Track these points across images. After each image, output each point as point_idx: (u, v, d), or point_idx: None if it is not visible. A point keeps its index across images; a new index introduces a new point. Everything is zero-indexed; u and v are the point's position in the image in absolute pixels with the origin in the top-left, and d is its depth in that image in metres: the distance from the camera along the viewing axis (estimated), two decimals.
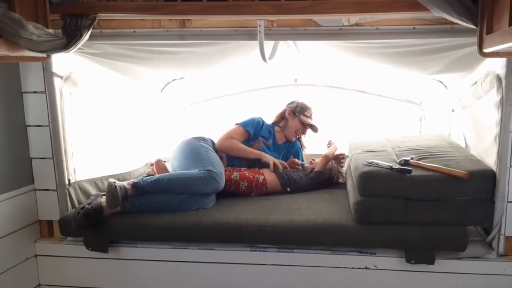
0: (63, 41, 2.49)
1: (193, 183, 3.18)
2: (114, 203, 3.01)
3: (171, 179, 3.21)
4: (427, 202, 2.79)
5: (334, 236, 2.88)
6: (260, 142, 3.85)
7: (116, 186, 3.04)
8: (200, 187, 3.19)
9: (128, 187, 3.13)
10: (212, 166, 3.29)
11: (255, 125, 3.89)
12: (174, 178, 3.23)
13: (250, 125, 3.87)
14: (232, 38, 2.96)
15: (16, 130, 3.06)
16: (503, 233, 2.80)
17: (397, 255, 2.87)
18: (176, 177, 3.23)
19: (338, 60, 3.58)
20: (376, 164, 2.94)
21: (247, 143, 3.81)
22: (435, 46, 2.91)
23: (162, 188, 3.17)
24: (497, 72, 2.75)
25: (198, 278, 3.06)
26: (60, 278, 3.21)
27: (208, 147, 3.58)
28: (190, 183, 3.19)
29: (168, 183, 3.18)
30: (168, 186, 3.17)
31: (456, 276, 2.85)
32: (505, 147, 2.70)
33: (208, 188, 3.21)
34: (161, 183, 3.18)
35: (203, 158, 3.40)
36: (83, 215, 2.93)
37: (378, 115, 4.54)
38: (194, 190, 3.18)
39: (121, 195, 3.04)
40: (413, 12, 2.48)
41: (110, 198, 3.00)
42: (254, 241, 2.99)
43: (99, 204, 3.03)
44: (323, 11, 2.52)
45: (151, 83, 4.30)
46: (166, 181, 3.19)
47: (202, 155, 3.44)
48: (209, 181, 3.19)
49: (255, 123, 3.91)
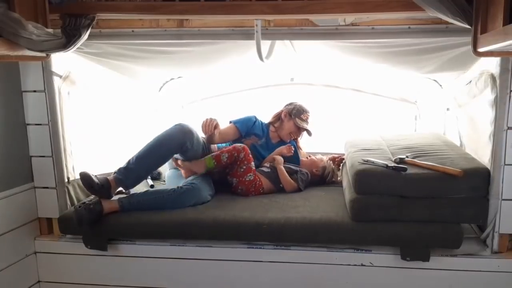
0: (62, 41, 2.51)
1: (163, 135, 3.32)
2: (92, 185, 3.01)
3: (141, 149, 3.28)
4: (422, 200, 2.81)
5: (330, 234, 2.90)
6: (251, 139, 3.87)
7: (87, 172, 3.04)
8: (172, 136, 3.31)
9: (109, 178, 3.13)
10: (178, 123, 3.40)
11: (247, 122, 3.91)
12: (142, 148, 3.29)
13: (241, 123, 3.89)
14: (230, 37, 2.98)
15: (16, 129, 3.08)
16: (497, 230, 2.81)
17: (393, 252, 2.88)
18: (144, 146, 3.30)
19: (334, 59, 3.59)
20: (371, 162, 2.96)
21: (239, 140, 3.83)
22: (430, 46, 2.92)
23: (138, 157, 3.22)
24: (491, 71, 2.77)
25: (195, 275, 3.07)
26: (60, 275, 3.23)
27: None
28: (160, 137, 3.32)
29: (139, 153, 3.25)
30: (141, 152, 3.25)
31: (451, 273, 2.87)
32: (499, 145, 2.72)
33: (178, 133, 3.31)
34: (135, 154, 3.24)
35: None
36: (84, 209, 2.93)
37: (374, 114, 4.56)
38: (168, 142, 3.29)
39: (99, 179, 3.04)
40: (408, 12, 2.50)
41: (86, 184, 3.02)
42: (251, 238, 3.01)
43: (98, 200, 3.05)
44: (319, 11, 2.54)
45: (149, 82, 4.31)
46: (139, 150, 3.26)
47: None
48: (178, 127, 3.33)
49: (247, 121, 3.93)
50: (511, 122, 2.69)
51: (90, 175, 3.01)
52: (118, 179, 3.14)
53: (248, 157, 3.52)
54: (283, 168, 3.64)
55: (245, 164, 3.50)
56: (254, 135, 3.89)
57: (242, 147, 3.50)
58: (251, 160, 3.55)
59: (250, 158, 3.54)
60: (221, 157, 3.45)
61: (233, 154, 3.46)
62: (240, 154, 3.48)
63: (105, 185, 3.07)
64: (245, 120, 3.93)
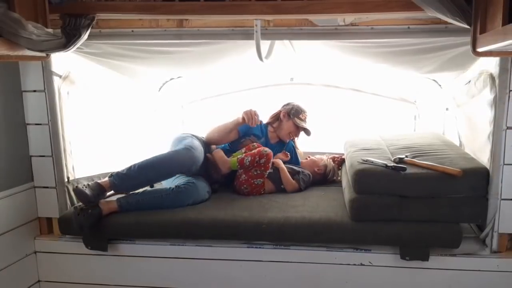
0: (62, 41, 2.52)
1: (166, 155, 3.27)
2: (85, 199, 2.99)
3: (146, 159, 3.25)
4: (421, 199, 2.82)
5: (329, 233, 2.91)
6: (250, 139, 3.86)
7: (78, 186, 3.04)
8: (176, 159, 3.25)
9: (103, 181, 3.14)
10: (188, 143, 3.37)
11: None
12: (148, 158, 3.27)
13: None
14: (229, 37, 2.98)
15: (16, 129, 3.08)
16: (497, 230, 2.82)
17: (392, 251, 2.89)
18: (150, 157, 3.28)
19: (333, 59, 3.60)
20: (371, 162, 2.96)
21: (238, 140, 3.84)
22: (429, 46, 2.93)
23: (138, 169, 3.19)
24: (490, 71, 2.77)
25: (195, 274, 3.08)
26: (59, 274, 3.24)
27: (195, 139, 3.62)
28: (163, 156, 3.26)
29: (143, 162, 3.21)
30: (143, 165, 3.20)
31: (450, 273, 2.87)
32: (499, 145, 2.73)
33: (183, 157, 3.26)
34: (136, 165, 3.21)
35: (182, 139, 3.49)
36: (84, 215, 2.95)
37: (373, 114, 4.55)
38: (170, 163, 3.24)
39: (91, 189, 3.03)
40: (408, 12, 2.51)
41: (79, 197, 3.01)
42: (250, 237, 3.01)
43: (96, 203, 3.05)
44: (319, 11, 2.55)
45: (149, 82, 4.31)
46: (141, 162, 3.23)
47: (184, 139, 3.52)
48: (182, 151, 3.26)
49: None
50: (510, 122, 2.70)
51: (83, 191, 3.00)
52: (113, 184, 3.15)
53: (266, 165, 3.54)
54: (285, 168, 3.65)
55: (261, 170, 3.53)
56: (253, 136, 3.89)
57: (267, 154, 3.53)
58: (268, 168, 3.57)
59: (268, 166, 3.56)
60: (244, 161, 3.52)
61: (255, 158, 3.52)
62: (262, 160, 3.51)
63: (100, 194, 3.10)
64: None
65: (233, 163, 3.54)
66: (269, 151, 3.55)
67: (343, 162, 3.78)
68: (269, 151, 3.55)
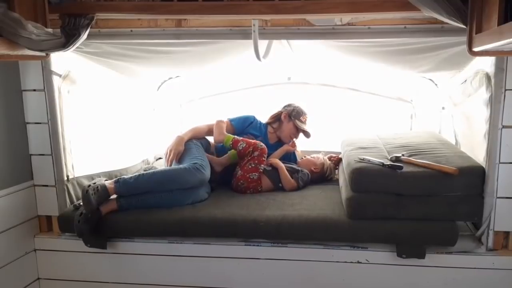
0: (61, 40, 2.53)
1: (176, 174, 3.20)
2: (88, 207, 2.97)
3: (155, 172, 3.24)
4: (417, 197, 2.83)
5: (326, 231, 2.92)
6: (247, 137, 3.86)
7: (88, 190, 2.98)
8: (186, 179, 3.18)
9: (109, 186, 3.12)
10: (198, 160, 3.32)
11: (242, 121, 3.95)
12: (157, 171, 3.25)
13: (237, 121, 3.93)
14: (227, 37, 3.00)
15: (16, 127, 3.09)
16: (492, 228, 2.84)
17: (389, 249, 2.91)
18: (159, 171, 3.27)
19: (331, 59, 3.61)
20: (367, 160, 2.98)
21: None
22: (425, 45, 2.95)
23: (146, 182, 3.17)
24: (486, 70, 2.79)
25: (193, 272, 3.09)
26: (59, 272, 3.25)
27: (199, 145, 3.63)
28: (173, 174, 3.21)
29: (152, 177, 3.19)
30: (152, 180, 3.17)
31: (446, 270, 2.89)
32: (494, 143, 2.75)
33: (193, 178, 3.20)
34: (144, 177, 3.19)
35: (191, 154, 3.45)
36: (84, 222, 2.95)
37: (370, 113, 4.57)
38: (179, 182, 3.17)
39: (98, 197, 3.01)
40: (404, 12, 2.52)
41: (84, 203, 2.98)
42: (248, 235, 3.02)
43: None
44: (316, 10, 2.56)
45: (148, 81, 4.33)
46: (150, 175, 3.21)
47: (191, 152, 3.49)
48: (193, 171, 3.19)
49: (243, 119, 3.97)
50: (505, 121, 2.72)
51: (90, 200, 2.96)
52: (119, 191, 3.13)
53: (261, 158, 3.55)
54: (284, 167, 3.67)
55: (256, 163, 3.54)
56: (250, 134, 3.90)
57: (261, 148, 3.55)
58: (263, 162, 3.57)
59: (262, 160, 3.57)
60: (238, 144, 3.56)
61: (249, 148, 3.53)
62: (255, 152, 3.53)
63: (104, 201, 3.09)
64: (242, 119, 3.96)
65: (228, 139, 3.58)
66: (264, 146, 3.56)
67: (340, 161, 3.80)
68: (264, 146, 3.56)
